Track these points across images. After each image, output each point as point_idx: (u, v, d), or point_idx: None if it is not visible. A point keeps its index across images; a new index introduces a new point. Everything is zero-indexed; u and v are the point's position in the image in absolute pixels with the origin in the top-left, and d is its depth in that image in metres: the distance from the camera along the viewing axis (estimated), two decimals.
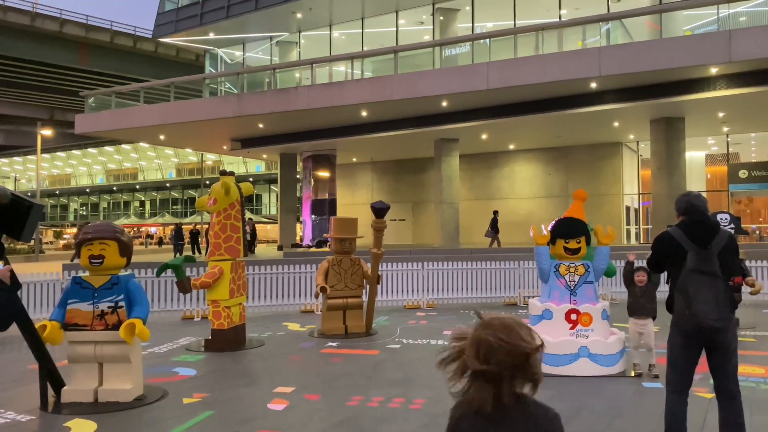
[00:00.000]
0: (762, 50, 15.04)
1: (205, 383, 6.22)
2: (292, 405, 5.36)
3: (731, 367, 3.69)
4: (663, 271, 4.04)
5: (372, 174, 30.26)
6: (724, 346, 3.64)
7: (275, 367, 6.95)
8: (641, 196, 26.23)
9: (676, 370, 3.75)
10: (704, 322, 3.53)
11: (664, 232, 3.97)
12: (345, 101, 19.49)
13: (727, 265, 3.73)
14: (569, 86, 17.54)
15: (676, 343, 3.74)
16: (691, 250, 3.69)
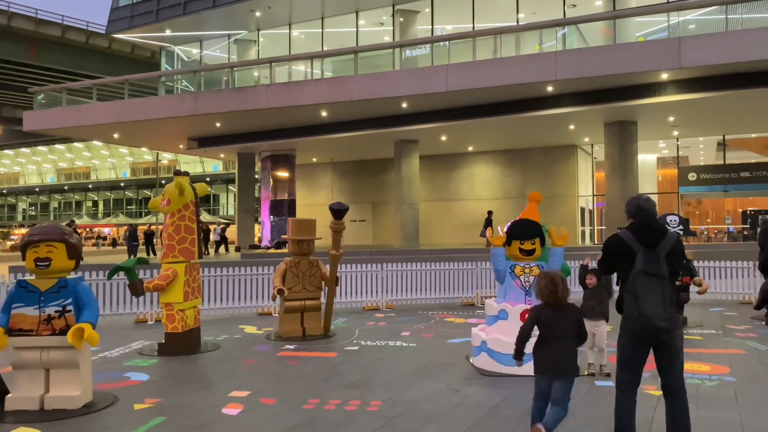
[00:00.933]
0: (709, 57, 15.56)
1: (158, 388, 6.08)
2: (247, 409, 5.28)
3: (678, 366, 3.79)
4: (614, 272, 4.13)
5: (332, 174, 30.16)
6: (671, 345, 3.74)
7: (230, 370, 6.84)
8: (595, 198, 26.84)
9: (625, 369, 3.84)
10: (652, 322, 3.62)
11: (613, 235, 4.06)
12: (304, 101, 19.37)
13: (674, 267, 3.84)
14: (527, 89, 17.83)
15: (625, 343, 3.83)
16: (640, 252, 3.79)
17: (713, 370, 6.44)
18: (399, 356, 7.47)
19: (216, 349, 8.09)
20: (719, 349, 7.63)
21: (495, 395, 5.60)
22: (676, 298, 3.78)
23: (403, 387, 5.95)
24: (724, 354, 7.28)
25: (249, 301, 11.66)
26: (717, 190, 25.15)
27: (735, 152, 25.98)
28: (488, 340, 6.51)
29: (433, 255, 16.68)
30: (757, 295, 10.81)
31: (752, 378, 6.05)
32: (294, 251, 9.13)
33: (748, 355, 7.25)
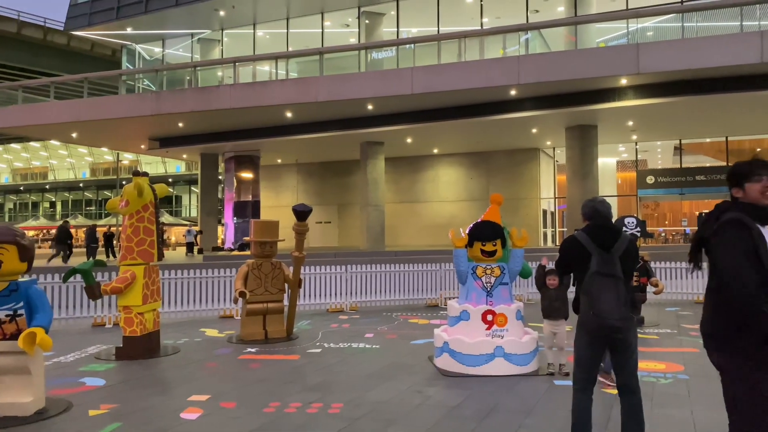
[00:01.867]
0: (666, 63, 15.98)
1: (115, 393, 5.94)
2: (207, 413, 5.20)
3: (632, 364, 3.87)
4: (570, 272, 4.19)
5: (297, 176, 29.99)
6: (626, 344, 3.81)
7: (190, 374, 6.73)
8: (557, 200, 27.30)
9: (582, 368, 3.90)
10: (607, 321, 3.69)
11: (570, 236, 4.13)
12: (269, 101, 19.22)
13: (628, 268, 3.93)
14: (490, 93, 18.03)
15: (582, 342, 3.89)
16: (595, 253, 3.85)
17: (668, 368, 6.60)
18: (362, 358, 7.46)
19: (176, 352, 7.96)
20: (674, 347, 7.83)
21: (456, 395, 5.63)
22: (631, 298, 3.86)
23: (366, 389, 5.94)
24: (679, 352, 7.47)
25: (211, 304, 11.50)
26: (674, 193, 25.84)
27: (691, 156, 26.72)
28: (450, 341, 6.56)
29: (398, 257, 16.72)
30: None
31: (704, 376, 6.22)
32: (256, 253, 9.04)
33: (701, 353, 7.42)
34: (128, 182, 7.96)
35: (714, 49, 15.66)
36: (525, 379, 6.20)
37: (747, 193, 2.85)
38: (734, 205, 2.85)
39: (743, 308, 2.63)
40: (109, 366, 7.18)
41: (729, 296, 2.67)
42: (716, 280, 2.83)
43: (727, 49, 15.49)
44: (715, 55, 15.54)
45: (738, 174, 2.90)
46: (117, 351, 7.69)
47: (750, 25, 17.42)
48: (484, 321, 6.46)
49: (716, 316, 2.81)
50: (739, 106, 18.11)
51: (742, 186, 2.87)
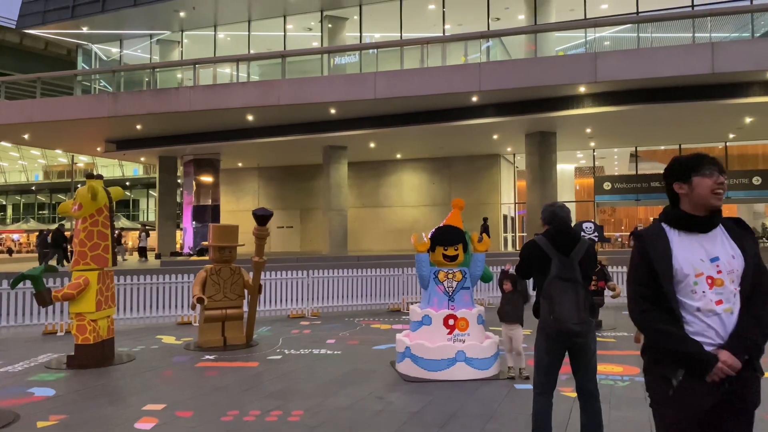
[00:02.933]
0: (623, 72, 16.36)
1: (65, 404, 5.72)
2: (162, 423, 5.05)
3: (591, 368, 3.91)
4: (530, 277, 4.22)
5: (258, 180, 29.66)
6: (585, 348, 3.85)
7: (145, 383, 6.54)
8: (517, 206, 27.67)
9: (542, 372, 3.92)
10: (566, 326, 3.71)
11: (530, 241, 4.16)
12: (230, 104, 18.95)
13: (587, 272, 3.97)
14: (452, 99, 18.16)
15: (541, 346, 3.91)
16: (555, 257, 3.88)
17: (625, 371, 6.72)
18: (323, 364, 7.37)
19: (131, 360, 7.73)
20: (631, 350, 7.97)
21: (417, 401, 5.61)
22: (590, 302, 3.90)
23: (326, 395, 5.87)
24: (636, 356, 7.60)
25: (167, 311, 11.23)
26: (630, 198, 26.46)
27: (646, 163, 27.43)
28: (412, 346, 6.53)
29: (361, 261, 16.67)
30: None
31: None
32: (215, 258, 8.87)
33: None
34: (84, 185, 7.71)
35: (668, 59, 16.11)
36: (486, 384, 6.22)
37: (694, 189, 2.37)
38: (662, 213, 2.50)
39: (639, 328, 2.41)
40: (60, 375, 6.92)
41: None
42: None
43: (680, 60, 15.96)
44: (669, 66, 15.99)
45: (684, 165, 2.41)
46: (68, 359, 7.43)
47: (702, 37, 18.00)
48: (446, 325, 6.46)
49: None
50: (692, 114, 18.66)
51: (688, 179, 2.38)
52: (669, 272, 2.32)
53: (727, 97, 16.85)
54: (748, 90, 16.70)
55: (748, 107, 17.66)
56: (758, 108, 17.64)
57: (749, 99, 16.80)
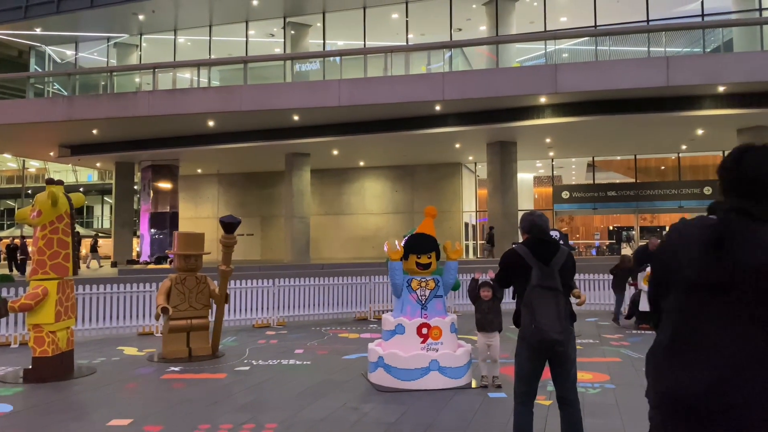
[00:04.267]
0: (582, 84, 16.76)
1: (23, 420, 5.46)
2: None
3: (572, 377, 3.93)
4: (510, 286, 4.23)
5: (218, 187, 29.20)
6: (566, 357, 3.87)
7: (109, 397, 6.30)
8: (478, 213, 27.98)
9: (523, 382, 3.92)
10: (548, 335, 3.71)
11: (510, 249, 4.17)
12: (190, 109, 18.62)
13: (567, 281, 4.00)
14: (416, 108, 18.27)
15: (523, 356, 3.91)
16: (535, 266, 3.90)
17: (595, 378, 6.81)
18: (293, 375, 7.25)
19: (92, 373, 7.45)
20: (598, 357, 8.10)
21: (393, 411, 5.56)
22: (570, 311, 3.92)
23: (299, 407, 5.76)
24: (603, 362, 7.74)
25: (128, 321, 10.89)
26: (587, 207, 27.07)
27: (602, 173, 28.14)
28: (385, 356, 6.49)
29: (324, 270, 16.53)
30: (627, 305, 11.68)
31: (630, 385, 6.46)
32: (180, 267, 8.65)
33: (624, 362, 7.76)
34: (36, 191, 7.42)
35: (625, 72, 16.58)
36: (459, 393, 6.22)
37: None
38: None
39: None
40: (18, 390, 6.62)
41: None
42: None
43: (637, 73, 16.44)
44: (627, 78, 16.45)
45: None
46: (25, 373, 7.11)
47: (656, 51, 18.60)
48: (419, 334, 6.44)
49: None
50: (647, 126, 19.23)
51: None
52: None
53: (681, 109, 17.43)
54: (700, 103, 17.32)
55: (699, 120, 18.31)
56: (709, 120, 18.31)
57: (701, 112, 17.42)
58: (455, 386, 6.37)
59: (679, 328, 1.88)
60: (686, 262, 1.85)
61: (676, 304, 1.91)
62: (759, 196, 1.86)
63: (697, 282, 1.83)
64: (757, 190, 1.86)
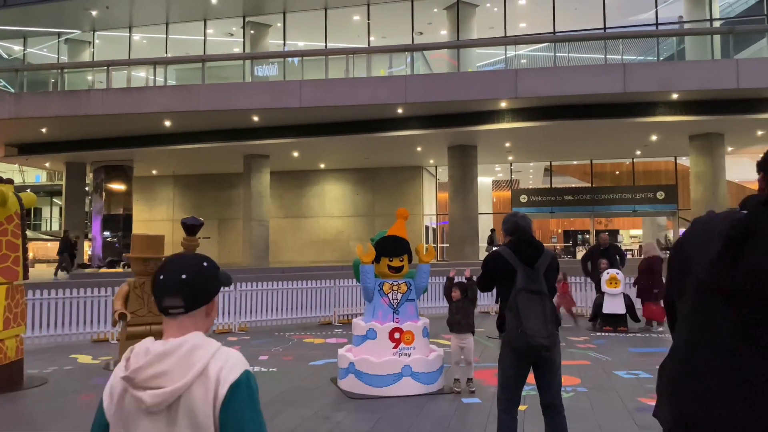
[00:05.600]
0: (541, 89, 16.94)
1: None
2: None
3: (557, 383, 3.86)
4: (492, 289, 4.14)
5: (174, 188, 28.45)
6: (551, 362, 3.79)
7: (63, 408, 5.95)
8: (438, 217, 28.06)
9: (507, 388, 3.83)
10: (534, 340, 3.62)
11: (494, 251, 4.07)
12: (146, 108, 18.03)
13: (551, 284, 3.92)
14: (378, 110, 18.16)
15: (507, 361, 3.82)
16: (520, 269, 3.81)
17: (566, 382, 6.77)
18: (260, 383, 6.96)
19: (43, 383, 7.04)
20: (567, 360, 8.07)
21: (367, 419, 5.40)
22: (555, 315, 3.84)
23: (269, 416, 5.51)
24: (573, 365, 7.74)
25: (81, 327, 10.41)
26: (545, 211, 27.43)
27: (559, 177, 28.60)
28: (356, 362, 6.32)
29: (285, 273, 16.22)
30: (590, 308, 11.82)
31: (601, 388, 6.47)
32: (138, 271, 8.28)
33: (593, 365, 7.79)
34: None
35: (583, 78, 16.84)
36: (433, 399, 6.10)
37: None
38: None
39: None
40: None
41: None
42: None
43: (595, 79, 16.72)
44: (584, 84, 16.71)
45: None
46: None
47: (613, 59, 18.99)
48: (391, 339, 6.30)
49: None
50: (603, 131, 19.58)
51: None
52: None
53: (636, 115, 17.81)
54: (654, 109, 17.73)
55: (654, 126, 18.75)
56: (663, 126, 18.76)
57: (655, 118, 17.84)
58: (428, 392, 6.25)
59: (692, 338, 1.63)
60: (703, 261, 1.60)
61: (690, 310, 1.65)
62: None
63: (711, 285, 1.58)
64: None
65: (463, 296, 6.37)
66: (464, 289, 6.33)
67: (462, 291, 6.34)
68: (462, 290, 6.34)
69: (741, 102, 16.83)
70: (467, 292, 6.35)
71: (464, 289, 6.34)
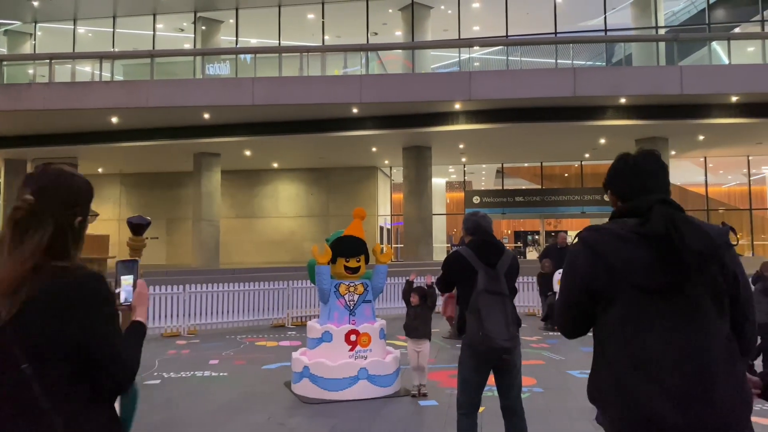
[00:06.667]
0: (495, 92, 17.11)
1: None
2: None
3: (516, 386, 3.82)
4: (452, 290, 4.07)
5: (121, 187, 27.56)
6: (512, 365, 3.75)
7: None
8: (392, 217, 28.06)
9: (468, 392, 3.76)
10: (496, 342, 3.56)
11: (454, 252, 4.01)
12: (92, 104, 17.35)
13: (512, 285, 3.87)
14: (333, 110, 17.98)
15: (468, 365, 3.74)
16: (481, 269, 3.74)
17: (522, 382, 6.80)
18: (210, 388, 6.77)
19: None
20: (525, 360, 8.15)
21: (322, 425, 5.26)
22: (516, 317, 3.79)
23: (219, 424, 5.34)
24: (528, 365, 7.74)
25: None
26: (497, 212, 27.74)
27: (511, 179, 29.02)
28: (311, 365, 6.17)
29: (236, 275, 15.87)
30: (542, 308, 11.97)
31: (557, 388, 6.50)
32: None
33: (547, 365, 7.85)
34: None
35: (536, 81, 17.09)
36: (389, 402, 6.01)
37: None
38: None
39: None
40: None
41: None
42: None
43: (546, 83, 16.99)
44: (537, 87, 16.95)
45: None
46: None
47: (563, 63, 19.37)
48: (348, 342, 6.17)
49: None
50: (555, 134, 19.93)
51: None
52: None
53: (586, 119, 18.19)
54: (603, 113, 18.15)
55: (603, 129, 19.19)
56: (611, 130, 19.22)
57: (604, 122, 18.26)
58: (384, 395, 6.15)
59: (634, 340, 1.75)
60: (631, 268, 1.76)
61: (624, 316, 1.79)
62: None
63: (649, 286, 1.75)
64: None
65: (422, 302, 6.28)
66: (423, 295, 6.24)
67: (421, 297, 6.24)
68: (421, 296, 6.25)
69: (684, 107, 17.39)
70: (426, 298, 6.26)
71: (423, 294, 6.24)
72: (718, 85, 16.26)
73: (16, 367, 1.43)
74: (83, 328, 1.53)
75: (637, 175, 2.00)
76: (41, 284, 1.51)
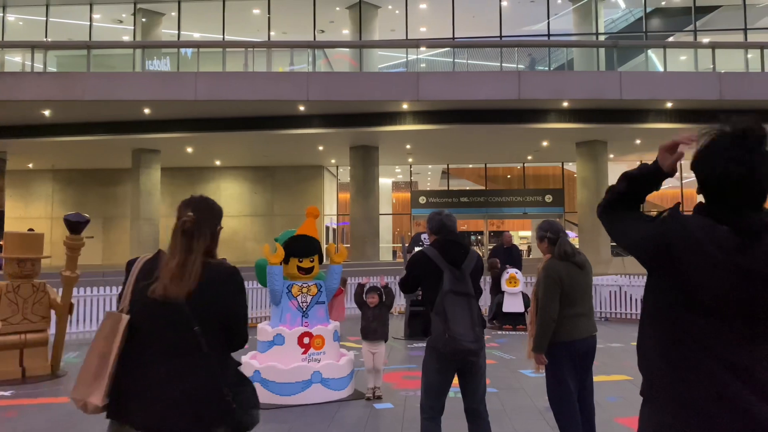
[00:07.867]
0: (443, 93, 17.20)
1: None
2: None
3: (481, 388, 3.75)
4: (416, 291, 3.97)
5: (53, 184, 26.27)
6: (477, 367, 3.67)
7: None
8: (339, 217, 27.87)
9: (432, 395, 3.66)
10: (461, 344, 3.48)
11: (419, 251, 3.91)
12: (22, 96, 16.43)
13: (477, 285, 3.81)
14: (279, 107, 17.65)
15: (433, 367, 3.65)
16: (446, 270, 3.66)
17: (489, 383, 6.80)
18: None
19: None
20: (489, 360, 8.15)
21: (276, 430, 5.07)
22: (482, 318, 3.73)
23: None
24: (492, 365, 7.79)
25: None
26: None
27: (456, 180, 29.36)
28: (262, 369, 5.95)
29: None
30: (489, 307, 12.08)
31: (510, 388, 6.51)
32: (12, 273, 7.42)
33: (499, 364, 7.87)
34: None
35: (482, 83, 17.27)
36: (344, 405, 5.87)
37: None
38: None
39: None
40: None
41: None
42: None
43: (492, 85, 17.20)
44: (483, 90, 17.14)
45: None
46: None
47: (509, 66, 19.69)
48: (300, 344, 5.99)
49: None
50: (499, 136, 20.24)
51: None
52: None
53: (530, 121, 18.53)
54: (546, 116, 18.54)
55: (545, 132, 19.61)
56: (553, 133, 19.68)
57: (547, 125, 18.66)
58: (338, 398, 6.01)
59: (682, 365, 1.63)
60: (701, 280, 1.61)
61: (678, 334, 1.66)
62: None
63: (718, 305, 1.59)
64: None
65: (380, 302, 6.18)
66: (380, 295, 6.14)
67: (379, 297, 6.13)
68: (379, 296, 6.14)
69: (623, 112, 17.97)
70: (384, 298, 6.16)
71: (381, 295, 6.14)
72: (654, 91, 16.87)
73: (191, 328, 2.17)
74: (231, 303, 2.28)
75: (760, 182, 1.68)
76: (207, 273, 2.23)
